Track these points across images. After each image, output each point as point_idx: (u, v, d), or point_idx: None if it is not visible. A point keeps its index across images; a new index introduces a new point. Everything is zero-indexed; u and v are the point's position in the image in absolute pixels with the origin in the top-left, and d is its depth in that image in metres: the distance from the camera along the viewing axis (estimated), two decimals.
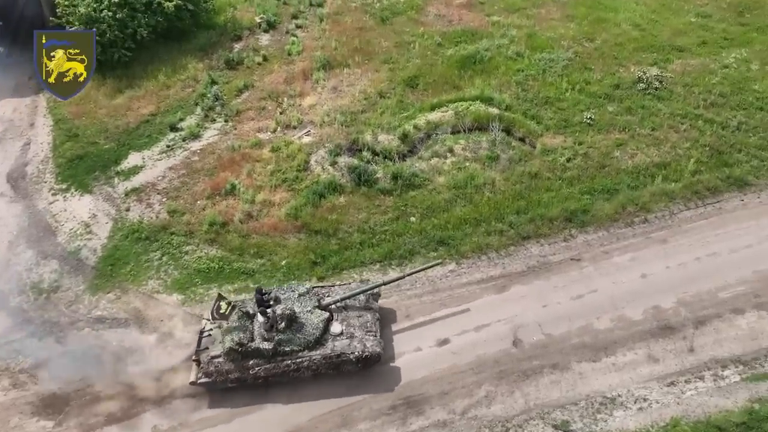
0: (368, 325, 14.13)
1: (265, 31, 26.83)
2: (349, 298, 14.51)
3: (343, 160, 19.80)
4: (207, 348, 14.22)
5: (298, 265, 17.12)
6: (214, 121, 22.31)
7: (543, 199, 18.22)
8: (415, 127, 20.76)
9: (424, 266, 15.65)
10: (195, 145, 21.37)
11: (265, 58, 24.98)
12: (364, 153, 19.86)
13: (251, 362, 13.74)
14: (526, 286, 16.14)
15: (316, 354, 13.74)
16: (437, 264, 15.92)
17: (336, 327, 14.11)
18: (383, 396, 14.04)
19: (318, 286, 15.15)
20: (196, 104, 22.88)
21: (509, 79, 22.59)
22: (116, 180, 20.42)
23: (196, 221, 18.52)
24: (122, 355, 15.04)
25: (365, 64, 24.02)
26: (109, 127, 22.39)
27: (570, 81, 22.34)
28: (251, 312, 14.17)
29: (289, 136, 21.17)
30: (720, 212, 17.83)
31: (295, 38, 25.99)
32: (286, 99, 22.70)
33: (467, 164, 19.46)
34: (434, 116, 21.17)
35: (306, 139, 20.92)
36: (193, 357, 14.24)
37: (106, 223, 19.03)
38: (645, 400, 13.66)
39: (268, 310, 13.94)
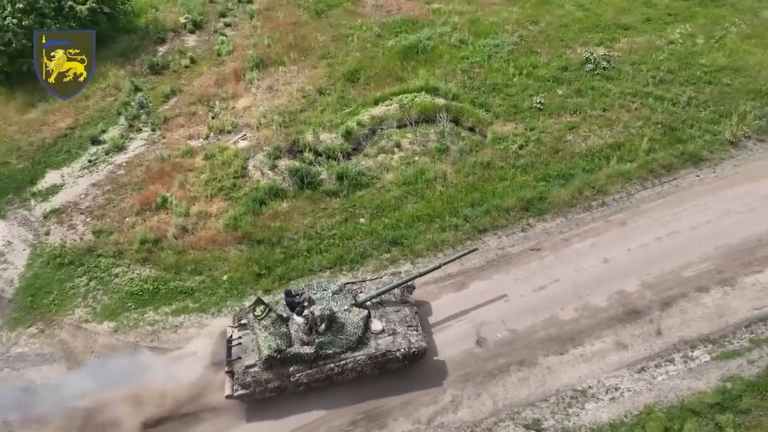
0: (408, 319, 13.87)
1: (192, 32, 26.12)
2: (384, 292, 14.20)
3: (284, 163, 19.30)
4: (239, 358, 13.51)
5: (241, 278, 16.51)
6: (140, 130, 21.44)
7: (497, 189, 18.17)
8: (359, 123, 20.46)
9: (460, 254, 15.35)
10: (120, 158, 20.45)
11: (192, 61, 24.28)
12: (306, 154, 19.43)
13: (291, 368, 13.24)
14: (486, 281, 16.00)
15: (360, 354, 13.34)
16: (473, 250, 15.69)
17: (377, 324, 13.77)
18: (342, 411, 13.58)
19: (349, 283, 14.79)
20: (119, 114, 21.97)
21: (454, 67, 22.60)
22: (33, 202, 19.31)
23: (125, 240, 17.65)
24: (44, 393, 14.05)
25: (302, 61, 23.61)
26: (22, 145, 21.21)
27: (517, 66, 22.51)
28: (284, 315, 13.64)
29: (224, 141, 20.53)
30: (677, 189, 18.17)
31: (224, 37, 25.38)
32: (218, 102, 22.05)
33: (416, 158, 19.27)
34: (378, 111, 20.93)
35: (242, 144, 20.31)
36: (226, 368, 13.49)
37: (23, 250, 17.93)
38: (616, 389, 13.65)
39: (305, 312, 13.40)
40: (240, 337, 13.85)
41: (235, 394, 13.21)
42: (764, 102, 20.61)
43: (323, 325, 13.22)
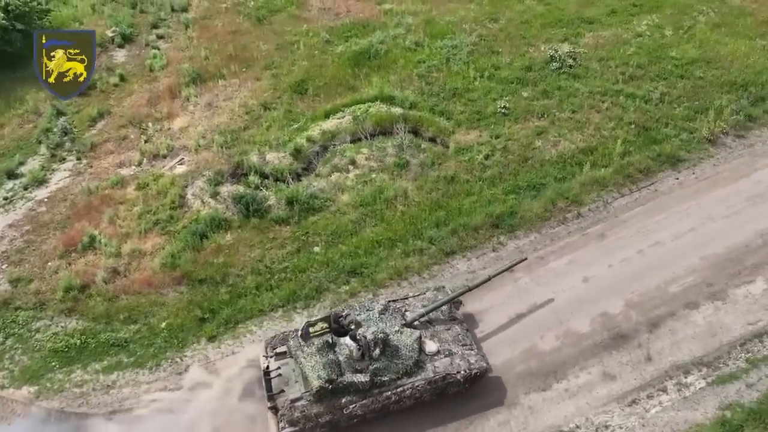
0: (461, 338, 13.29)
1: (120, 46, 24.69)
2: (434, 310, 13.36)
3: (227, 189, 18.03)
4: (282, 391, 12.51)
5: (181, 325, 15.14)
6: (63, 160, 19.87)
7: (464, 205, 17.27)
8: (309, 139, 19.33)
9: (510, 264, 14.60)
10: (41, 193, 18.85)
11: (122, 78, 22.86)
12: (251, 177, 18.19)
13: (344, 400, 12.26)
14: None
15: (419, 380, 12.55)
16: (522, 260, 14.98)
17: (431, 345, 13.03)
18: None
19: (391, 301, 13.89)
20: (40, 142, 20.35)
21: (410, 72, 21.77)
22: None
23: (47, 288, 16.09)
24: None
25: (243, 73, 22.40)
26: None
27: (477, 68, 21.78)
28: (331, 341, 12.58)
29: (159, 167, 19.14)
30: (656, 195, 17.54)
31: (156, 51, 24.01)
32: (151, 124, 20.65)
33: (373, 176, 18.26)
34: (330, 124, 19.86)
35: (179, 169, 18.96)
36: (269, 404, 12.52)
37: None
38: (606, 427, 12.75)
39: (357, 335, 12.44)
40: (278, 368, 12.80)
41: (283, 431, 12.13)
42: (740, 95, 20.24)
43: (377, 350, 12.36)
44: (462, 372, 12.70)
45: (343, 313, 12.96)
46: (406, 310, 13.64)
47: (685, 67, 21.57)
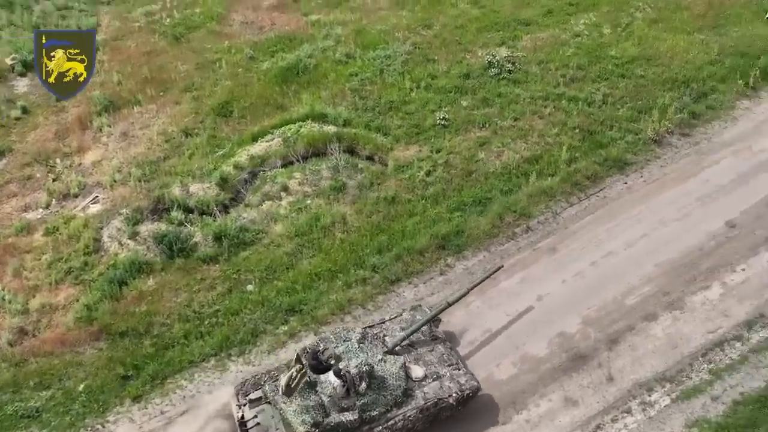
0: (446, 358, 13.09)
1: (22, 75, 23.52)
2: (415, 332, 13.10)
3: (147, 227, 17.16)
4: None
5: (102, 386, 14.14)
6: None
7: (407, 227, 16.90)
8: (236, 166, 18.67)
9: (487, 274, 14.40)
10: None
11: (25, 110, 21.70)
12: (174, 213, 17.38)
13: None
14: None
15: (410, 409, 12.20)
16: (499, 268, 14.76)
17: (417, 370, 12.68)
18: None
19: (368, 327, 13.55)
20: None
21: (342, 87, 21.39)
22: None
23: None
24: None
25: (161, 97, 21.59)
26: None
27: (413, 78, 21.61)
28: (311, 379, 11.97)
29: (70, 208, 18.10)
30: (606, 202, 17.61)
31: None
32: (59, 160, 19.57)
33: (308, 202, 17.71)
34: (258, 149, 19.26)
35: (93, 209, 17.98)
36: None
37: None
38: None
39: (341, 370, 11.83)
40: (255, 416, 12.19)
41: None
42: (682, 92, 20.63)
43: (363, 384, 11.85)
44: (454, 395, 12.50)
45: (320, 348, 12.43)
46: (385, 336, 13.28)
47: (626, 66, 21.91)
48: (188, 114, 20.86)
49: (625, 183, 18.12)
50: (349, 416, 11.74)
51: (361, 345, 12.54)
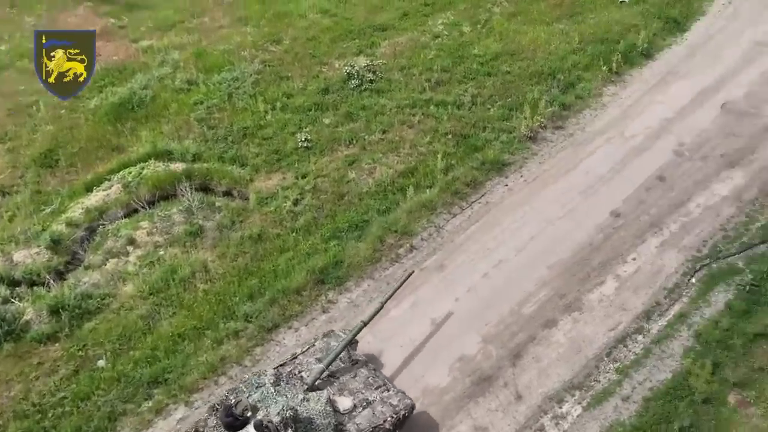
0: (372, 381, 12.96)
1: None
2: (333, 361, 12.81)
3: None
4: None
5: None
6: None
7: (279, 266, 16.41)
8: (69, 223, 17.39)
9: (399, 283, 14.44)
10: None
11: None
12: None
13: None
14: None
15: None
16: (410, 274, 14.94)
17: (344, 402, 12.48)
18: None
19: (280, 366, 13.04)
20: None
21: (187, 118, 20.74)
22: None
23: None
24: None
25: None
26: None
27: (267, 99, 21.37)
28: None
29: None
30: (489, 208, 18.04)
31: None
32: None
33: (161, 253, 16.80)
34: (94, 200, 18.09)
35: None
36: None
37: None
38: None
39: (262, 423, 11.22)
40: None
41: None
42: (550, 84, 21.73)
43: (290, 431, 11.32)
44: (389, 419, 12.33)
45: (232, 401, 11.72)
46: (301, 372, 12.92)
47: (491, 63, 22.82)
48: (4, 169, 19.24)
49: (506, 185, 18.68)
50: None
51: (277, 388, 12.19)
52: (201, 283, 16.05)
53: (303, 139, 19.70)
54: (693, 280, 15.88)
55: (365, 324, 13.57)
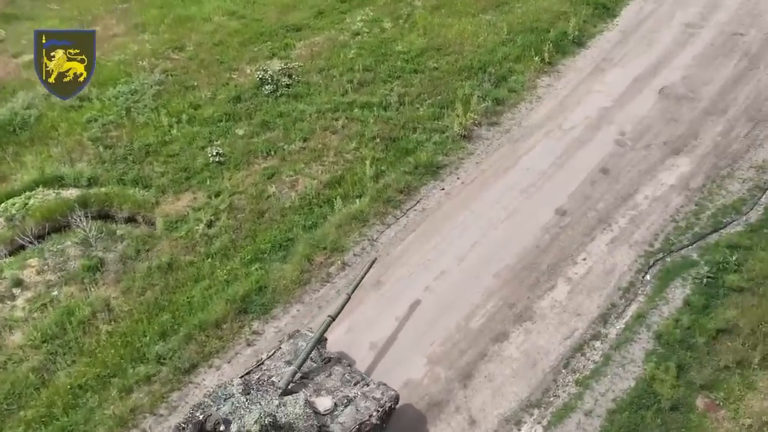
0: (348, 377, 12.85)
1: None
2: (305, 361, 12.66)
3: None
4: None
5: None
6: None
7: (195, 297, 15.40)
8: None
9: (363, 273, 14.25)
10: None
11: None
12: None
13: None
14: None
15: None
16: (374, 261, 14.91)
17: (324, 402, 12.36)
18: None
19: (246, 374, 12.75)
20: None
21: (79, 138, 19.62)
22: None
23: None
24: None
25: None
26: None
27: (171, 112, 20.46)
28: None
29: None
30: (426, 215, 17.49)
31: None
32: None
33: (55, 294, 15.57)
34: None
35: None
36: None
37: None
38: None
39: None
40: None
41: None
42: (481, 79, 21.45)
43: None
44: (374, 413, 12.15)
45: (201, 417, 11.21)
46: (271, 377, 12.66)
47: (416, 59, 22.43)
48: None
49: (443, 189, 18.18)
50: None
51: (248, 396, 11.82)
52: (104, 324, 14.85)
53: (214, 154, 18.81)
54: (648, 276, 15.65)
55: (333, 319, 13.31)
